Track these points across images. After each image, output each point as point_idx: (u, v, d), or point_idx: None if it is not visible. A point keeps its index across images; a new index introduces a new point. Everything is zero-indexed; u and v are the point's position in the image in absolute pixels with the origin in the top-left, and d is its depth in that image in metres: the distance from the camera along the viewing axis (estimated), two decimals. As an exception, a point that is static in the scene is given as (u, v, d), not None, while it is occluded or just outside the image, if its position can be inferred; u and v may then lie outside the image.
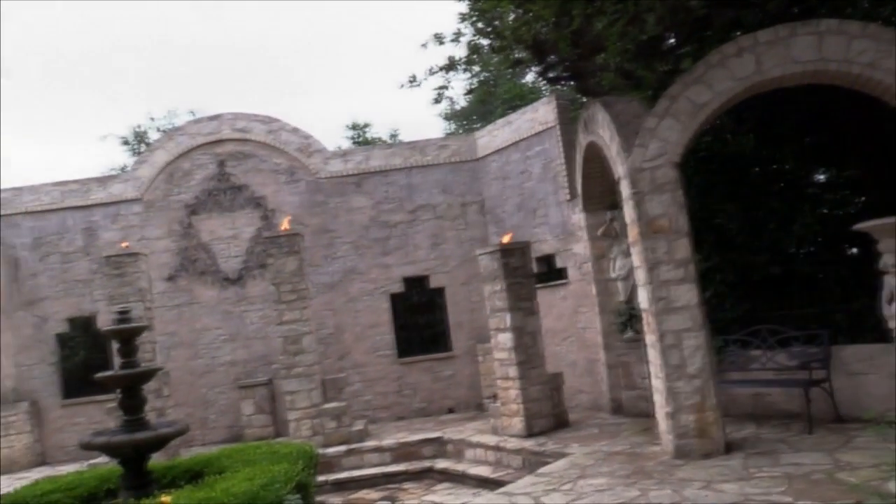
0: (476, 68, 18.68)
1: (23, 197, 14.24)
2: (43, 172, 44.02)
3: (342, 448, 11.42)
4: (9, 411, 13.33)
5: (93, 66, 44.92)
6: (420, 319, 14.65)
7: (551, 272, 12.89)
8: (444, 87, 10.27)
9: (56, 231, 14.21)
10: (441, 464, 10.89)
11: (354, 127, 26.08)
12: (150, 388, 9.09)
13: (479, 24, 9.93)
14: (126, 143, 26.43)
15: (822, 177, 11.34)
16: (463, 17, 10.20)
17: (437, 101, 10.82)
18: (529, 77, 20.79)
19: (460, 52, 10.14)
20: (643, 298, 8.04)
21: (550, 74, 11.05)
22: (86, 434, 9.12)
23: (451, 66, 9.58)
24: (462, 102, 24.58)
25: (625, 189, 8.12)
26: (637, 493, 6.59)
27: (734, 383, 9.05)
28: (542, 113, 12.71)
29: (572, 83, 11.76)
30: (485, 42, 9.95)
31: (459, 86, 23.15)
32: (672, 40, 10.26)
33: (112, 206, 14.31)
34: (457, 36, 9.89)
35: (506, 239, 10.95)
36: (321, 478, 10.19)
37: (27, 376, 13.87)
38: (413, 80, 9.64)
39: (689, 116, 7.78)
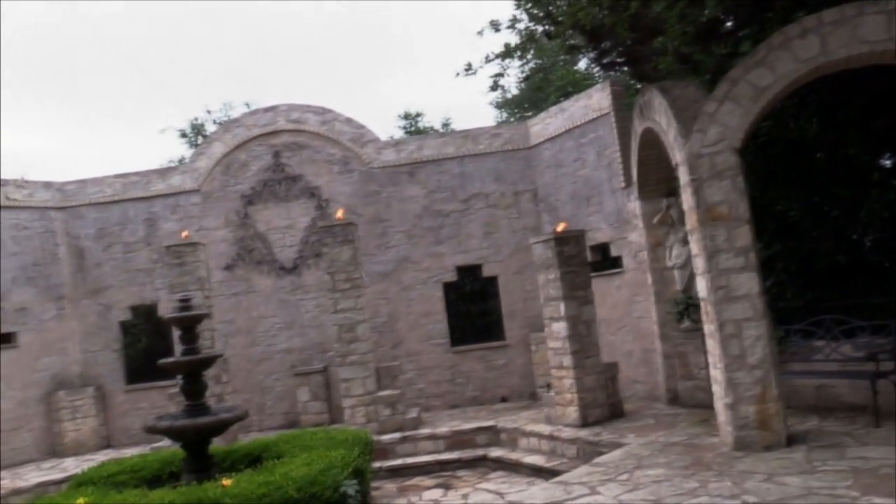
0: (530, 55, 18.52)
1: (87, 189, 14.70)
2: (106, 165, 45.42)
3: (396, 435, 11.52)
4: (76, 396, 13.83)
5: (152, 61, 46.00)
6: (473, 308, 14.66)
7: (606, 261, 12.75)
8: (501, 75, 10.20)
9: (118, 222, 14.63)
10: (495, 452, 10.90)
11: (407, 116, 26.16)
12: (210, 375, 9.30)
13: (534, 11, 9.81)
14: (184, 135, 27.03)
15: (888, 162, 10.92)
16: (518, 4, 10.09)
17: (494, 88, 10.76)
18: (582, 64, 20.53)
19: (515, 39, 10.03)
20: (702, 287, 7.88)
21: (605, 60, 10.86)
22: (149, 418, 9.42)
23: (507, 53, 9.48)
24: (514, 90, 24.42)
25: (683, 175, 7.96)
26: (696, 485, 6.48)
27: (796, 374, 8.82)
28: (597, 99, 12.54)
29: (627, 69, 11.55)
30: (539, 28, 9.83)
31: (513, 74, 22.96)
32: (731, 23, 9.99)
33: (171, 198, 14.67)
34: (513, 22, 9.79)
35: (560, 227, 10.85)
36: (376, 464, 10.32)
37: (93, 362, 14.36)
38: (469, 68, 9.58)
39: (750, 100, 7.57)
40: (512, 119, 24.07)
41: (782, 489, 6.02)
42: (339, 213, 12.82)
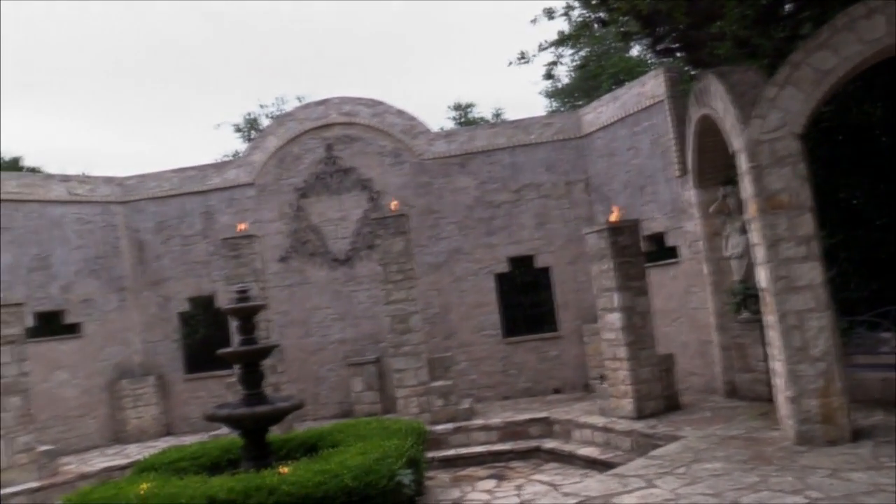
0: (582, 42, 18.27)
1: (146, 184, 15.07)
2: (164, 160, 46.50)
3: (450, 426, 11.56)
4: (138, 384, 14.24)
5: (207, 58, 46.91)
6: (525, 299, 14.60)
7: (661, 251, 12.54)
8: (555, 63, 10.09)
9: (177, 215, 14.98)
10: (548, 444, 10.85)
11: (458, 107, 26.11)
12: (266, 365, 9.47)
13: (589, -2, 9.67)
14: (239, 130, 27.50)
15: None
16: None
17: (548, 77, 10.68)
18: (635, 51, 20.19)
19: (568, 27, 9.88)
20: (762, 277, 7.69)
21: (660, 46, 10.63)
22: (209, 407, 9.64)
23: (561, 41, 9.36)
24: (565, 79, 24.15)
25: (742, 163, 7.77)
26: (756, 479, 6.34)
27: (861, 367, 8.56)
28: (651, 87, 12.32)
29: (682, 55, 11.29)
30: (593, 15, 9.68)
31: (566, 62, 22.66)
32: (791, 5, 9.68)
33: (227, 191, 14.94)
34: (567, 10, 9.66)
35: (614, 217, 10.70)
36: (430, 454, 10.36)
37: (153, 352, 14.76)
38: (522, 56, 9.49)
39: (812, 84, 7.34)
40: (563, 108, 23.81)
41: (847, 485, 5.85)
42: (394, 205, 12.89)
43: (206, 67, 46.84)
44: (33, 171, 21.71)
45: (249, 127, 27.08)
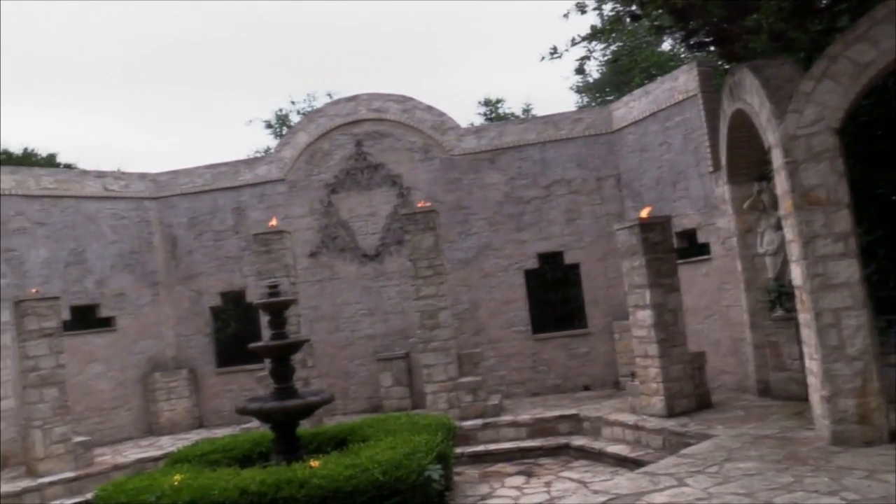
0: (614, 37, 18.10)
1: (179, 180, 15.26)
2: (196, 156, 47.08)
3: (478, 422, 11.55)
4: (170, 377, 14.44)
5: (238, 55, 47.33)
6: (554, 296, 14.53)
7: (693, 247, 12.39)
8: (587, 58, 9.96)
9: (209, 211, 15.15)
10: (577, 441, 10.79)
11: (487, 103, 26.06)
12: (296, 359, 9.53)
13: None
14: (269, 126, 27.74)
15: None
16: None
17: (580, 71, 10.57)
18: (666, 45, 19.97)
19: (599, 21, 9.79)
20: (797, 275, 7.56)
21: (692, 40, 10.48)
22: (240, 400, 9.74)
23: (593, 35, 9.27)
24: (595, 74, 23.98)
25: (776, 158, 7.64)
26: (790, 480, 6.24)
27: (899, 367, 8.37)
28: (683, 81, 12.17)
29: (716, 48, 11.13)
30: (625, 9, 9.57)
31: (597, 57, 22.47)
32: (828, -3, 9.49)
33: (258, 187, 15.07)
34: (600, 4, 9.57)
35: (645, 213, 10.60)
36: (458, 450, 10.38)
37: (185, 346, 14.96)
38: (554, 51, 9.39)
39: (850, 78, 7.19)
40: (593, 104, 23.66)
41: (885, 487, 5.73)
42: (422, 201, 12.92)
43: (238, 64, 47.29)
44: (69, 167, 22.10)
45: (280, 123, 27.31)
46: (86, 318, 14.01)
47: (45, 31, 44.56)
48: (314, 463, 7.51)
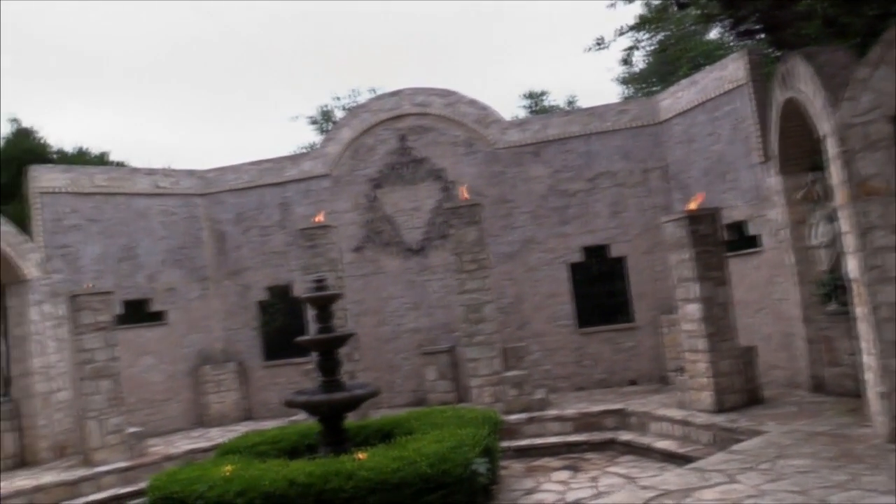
0: (660, 26, 17.80)
1: (226, 176, 15.51)
2: (242, 153, 47.78)
3: (523, 416, 11.51)
4: (219, 370, 14.72)
5: (283, 52, 47.87)
6: (600, 289, 14.37)
7: (742, 240, 12.14)
8: (633, 48, 9.85)
9: (255, 206, 15.37)
10: (624, 436, 10.68)
11: (531, 96, 25.92)
12: (342, 353, 9.60)
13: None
14: (314, 122, 28.01)
15: None
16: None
17: (626, 62, 10.43)
18: (713, 34, 19.56)
19: (644, 11, 9.61)
20: (853, 267, 7.36)
21: (741, 28, 10.27)
22: (287, 393, 9.87)
23: (641, 24, 9.14)
24: (641, 65, 23.62)
25: (831, 147, 7.43)
26: (846, 478, 6.08)
27: (961, 362, 8.09)
28: (731, 70, 11.91)
29: (765, 36, 10.88)
30: (673, -1, 9.43)
31: (642, 47, 22.12)
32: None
33: (303, 182, 15.23)
34: (647, -8, 9.43)
35: (693, 205, 10.42)
36: (503, 444, 10.35)
37: (234, 339, 15.21)
38: (601, 42, 9.28)
39: (908, 64, 6.95)
40: (638, 94, 23.32)
41: (947, 485, 5.56)
42: (463, 190, 12.92)
43: (282, 62, 47.82)
44: (120, 165, 22.62)
45: (324, 119, 27.55)
46: (138, 312, 14.36)
47: (90, 31, 45.67)
48: (361, 455, 7.57)
